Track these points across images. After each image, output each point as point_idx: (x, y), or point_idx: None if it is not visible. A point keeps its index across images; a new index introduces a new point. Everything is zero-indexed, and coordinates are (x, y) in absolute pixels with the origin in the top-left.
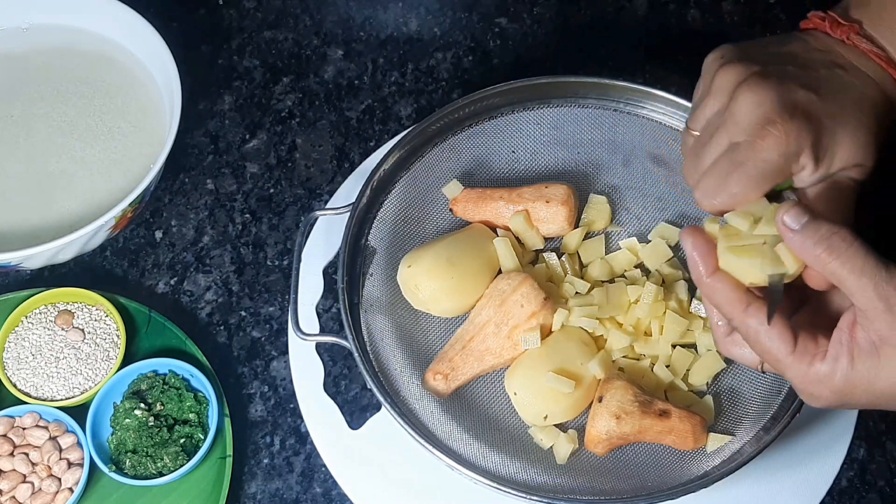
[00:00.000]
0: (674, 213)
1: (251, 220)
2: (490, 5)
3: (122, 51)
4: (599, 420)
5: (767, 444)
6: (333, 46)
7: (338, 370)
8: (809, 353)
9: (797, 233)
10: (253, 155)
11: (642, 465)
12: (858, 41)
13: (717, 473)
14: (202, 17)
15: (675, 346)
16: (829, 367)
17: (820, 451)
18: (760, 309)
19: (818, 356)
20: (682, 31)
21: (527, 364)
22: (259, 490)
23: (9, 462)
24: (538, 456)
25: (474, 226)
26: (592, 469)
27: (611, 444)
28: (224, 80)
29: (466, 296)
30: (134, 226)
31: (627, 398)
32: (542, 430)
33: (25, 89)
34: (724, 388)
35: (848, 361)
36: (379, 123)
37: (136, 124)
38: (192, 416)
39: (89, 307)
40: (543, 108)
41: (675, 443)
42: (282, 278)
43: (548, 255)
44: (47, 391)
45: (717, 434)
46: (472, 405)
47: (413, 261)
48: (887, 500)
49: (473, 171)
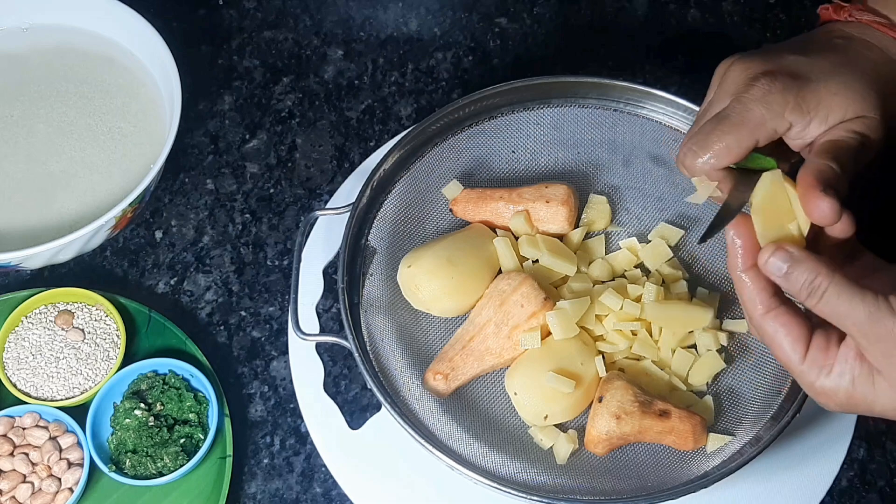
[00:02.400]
0: (674, 214)
1: (251, 220)
2: (490, 5)
3: (122, 51)
4: (599, 420)
5: (767, 445)
6: (333, 46)
7: (338, 370)
8: (818, 364)
9: (781, 279)
10: (253, 155)
11: (642, 465)
12: (859, 15)
13: (717, 474)
14: (202, 17)
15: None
16: (834, 384)
17: (820, 451)
18: (779, 317)
19: (825, 370)
20: (682, 31)
21: (527, 364)
22: (259, 490)
23: (9, 462)
24: (538, 456)
25: (474, 226)
26: (592, 469)
27: (611, 445)
28: (224, 80)
29: (466, 296)
30: (134, 226)
31: (627, 398)
32: (542, 430)
33: (25, 89)
34: (724, 388)
35: (850, 381)
36: (379, 123)
37: (136, 124)
38: (192, 416)
39: (89, 307)
40: (543, 108)
41: (675, 443)
42: (282, 278)
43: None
44: (47, 391)
45: (717, 434)
46: (473, 405)
47: (413, 261)
48: (887, 500)
49: (473, 171)
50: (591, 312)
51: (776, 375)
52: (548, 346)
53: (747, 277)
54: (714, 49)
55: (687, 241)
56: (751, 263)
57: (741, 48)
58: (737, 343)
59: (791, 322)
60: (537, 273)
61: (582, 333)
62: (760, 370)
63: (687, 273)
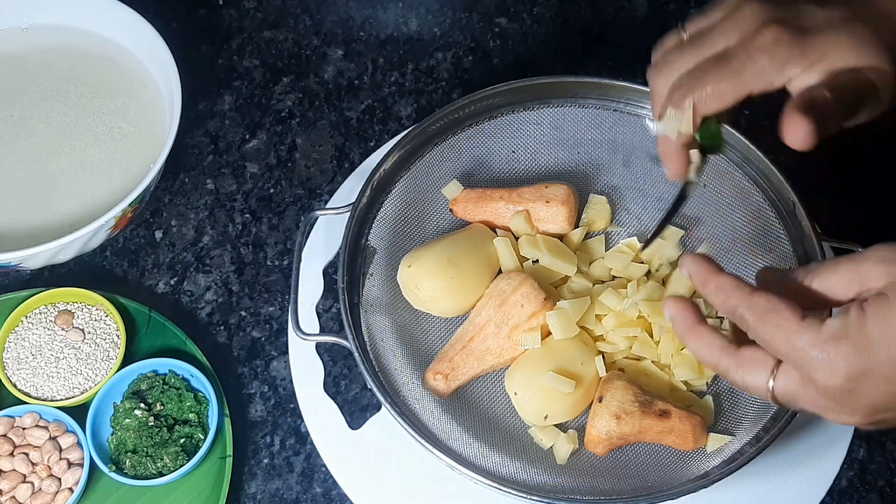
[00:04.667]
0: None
1: (251, 220)
2: (490, 5)
3: (122, 51)
4: (599, 420)
5: (768, 444)
6: (333, 46)
7: (338, 370)
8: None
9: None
10: (253, 155)
11: (642, 465)
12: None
13: (717, 474)
14: (202, 17)
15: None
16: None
17: (820, 451)
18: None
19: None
20: None
21: (527, 364)
22: (259, 490)
23: (9, 462)
24: (538, 456)
25: (474, 226)
26: (592, 469)
27: (611, 445)
28: (224, 80)
29: (466, 296)
30: (134, 226)
31: (628, 398)
32: (542, 430)
33: (25, 89)
34: (724, 388)
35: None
36: (379, 123)
37: (136, 124)
38: (192, 416)
39: (89, 307)
40: (543, 108)
41: (675, 443)
42: (282, 278)
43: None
44: (47, 391)
45: (717, 434)
46: (473, 405)
47: (413, 260)
48: (887, 500)
49: (473, 171)
50: (591, 312)
51: None
52: (548, 347)
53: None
54: None
55: (687, 241)
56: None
57: None
58: None
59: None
60: (537, 273)
61: (582, 333)
62: None
63: None
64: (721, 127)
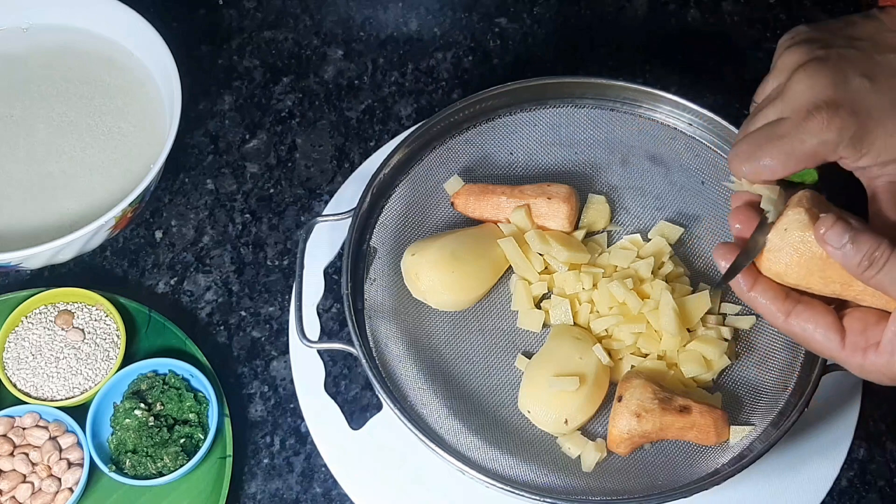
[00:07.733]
0: (673, 212)
1: (251, 220)
2: (490, 5)
3: (122, 51)
4: (620, 419)
5: (779, 439)
6: (333, 46)
7: (338, 370)
8: (860, 347)
9: (839, 249)
10: (253, 155)
11: (651, 464)
12: None
13: (727, 471)
14: (202, 17)
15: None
16: (886, 360)
17: (821, 451)
18: (801, 314)
19: (871, 349)
20: (682, 31)
21: (529, 381)
22: (259, 490)
23: (9, 462)
24: (548, 458)
25: (485, 225)
26: (602, 469)
27: (633, 444)
28: (224, 80)
29: (466, 291)
30: (134, 226)
31: (647, 396)
32: (568, 438)
33: (25, 89)
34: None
35: None
36: (379, 123)
37: (136, 124)
38: (192, 416)
39: (89, 307)
40: (541, 108)
41: (697, 438)
42: (282, 278)
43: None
44: (47, 391)
45: (738, 426)
46: (480, 408)
47: (418, 250)
48: (887, 500)
49: (472, 173)
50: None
51: (782, 371)
52: (543, 356)
53: (756, 293)
54: (714, 49)
55: (687, 239)
56: (752, 282)
57: (741, 48)
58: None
59: (814, 315)
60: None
61: (573, 329)
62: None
63: (688, 270)
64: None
